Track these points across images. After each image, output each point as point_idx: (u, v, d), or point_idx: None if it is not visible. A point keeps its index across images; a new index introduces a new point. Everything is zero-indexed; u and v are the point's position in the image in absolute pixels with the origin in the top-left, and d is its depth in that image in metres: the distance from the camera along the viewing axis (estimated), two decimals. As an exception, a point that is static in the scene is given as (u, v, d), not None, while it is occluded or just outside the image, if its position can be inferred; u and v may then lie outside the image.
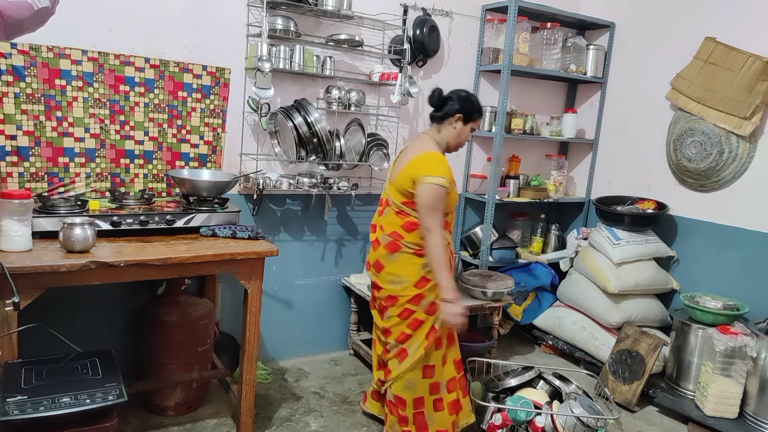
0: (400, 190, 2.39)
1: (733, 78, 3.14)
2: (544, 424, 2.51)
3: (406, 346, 2.44)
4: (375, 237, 2.51)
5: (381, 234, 2.46)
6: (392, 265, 2.41)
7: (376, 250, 2.47)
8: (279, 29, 2.88)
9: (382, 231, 2.46)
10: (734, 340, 2.80)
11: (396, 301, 2.42)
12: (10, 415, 1.59)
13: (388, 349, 2.51)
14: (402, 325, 2.43)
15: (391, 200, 2.43)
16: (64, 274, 1.93)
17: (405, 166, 2.38)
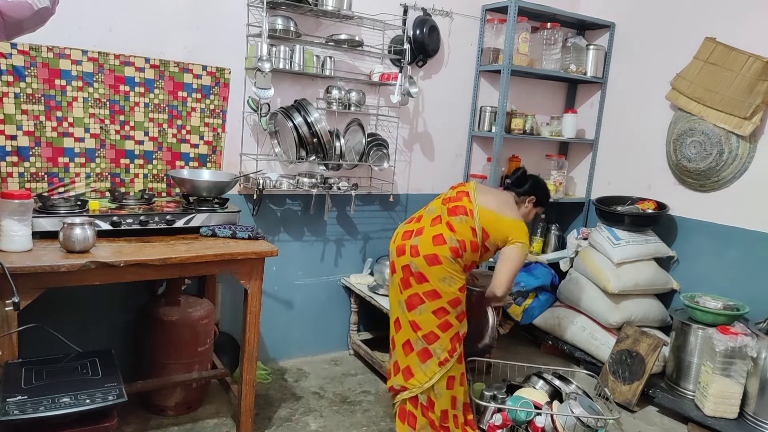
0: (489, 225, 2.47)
1: (733, 78, 3.14)
2: (544, 424, 2.51)
3: (432, 347, 2.44)
4: (438, 232, 2.46)
5: (451, 235, 2.44)
6: (451, 266, 2.43)
7: (437, 246, 2.44)
8: (279, 29, 2.88)
9: (453, 233, 2.44)
10: (734, 340, 2.80)
11: (438, 298, 2.43)
12: (10, 415, 1.59)
13: (412, 344, 2.48)
14: (433, 324, 2.44)
15: (476, 218, 2.46)
16: (64, 274, 1.93)
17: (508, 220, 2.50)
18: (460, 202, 2.52)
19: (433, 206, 2.63)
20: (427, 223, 2.54)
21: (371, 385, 3.19)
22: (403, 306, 2.51)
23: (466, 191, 2.57)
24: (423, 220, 2.59)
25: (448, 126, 3.71)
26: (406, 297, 2.49)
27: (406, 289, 2.49)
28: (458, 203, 2.52)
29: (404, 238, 2.55)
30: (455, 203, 2.53)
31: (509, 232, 2.48)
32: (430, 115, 3.60)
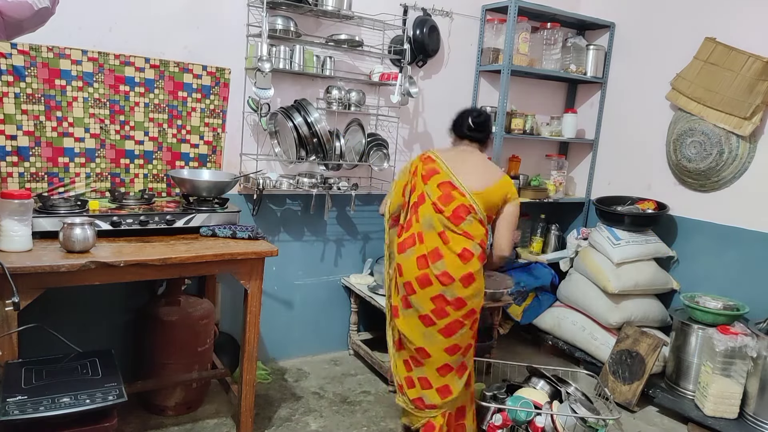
0: (489, 203, 2.35)
1: (733, 78, 3.14)
2: (544, 424, 2.51)
3: (467, 358, 2.40)
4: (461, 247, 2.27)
5: (472, 243, 2.29)
6: (480, 277, 2.33)
7: (467, 263, 2.27)
8: (279, 29, 2.88)
9: (473, 239, 2.29)
10: (734, 341, 2.80)
11: (474, 315, 2.35)
12: (10, 415, 1.59)
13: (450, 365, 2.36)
14: (470, 337, 2.39)
15: (478, 209, 2.30)
16: (64, 274, 1.93)
17: (498, 182, 2.39)
18: (453, 200, 2.30)
19: (426, 215, 2.34)
20: (437, 241, 2.30)
21: (371, 385, 3.19)
22: (435, 336, 2.33)
23: (447, 181, 2.33)
24: (427, 238, 2.31)
25: (448, 126, 3.70)
26: (442, 327, 2.31)
27: (442, 318, 2.30)
28: (453, 203, 2.30)
29: (423, 267, 2.30)
30: (449, 204, 2.30)
31: (504, 191, 2.39)
32: (430, 115, 3.60)
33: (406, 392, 2.45)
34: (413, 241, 2.35)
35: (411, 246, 2.35)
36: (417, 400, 2.41)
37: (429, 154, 2.45)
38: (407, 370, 2.44)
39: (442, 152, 2.47)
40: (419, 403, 2.41)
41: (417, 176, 2.43)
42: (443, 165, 2.38)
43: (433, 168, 2.39)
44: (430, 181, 2.37)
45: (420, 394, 2.40)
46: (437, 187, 2.35)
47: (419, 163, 2.45)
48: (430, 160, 2.42)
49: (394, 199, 2.54)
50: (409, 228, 2.39)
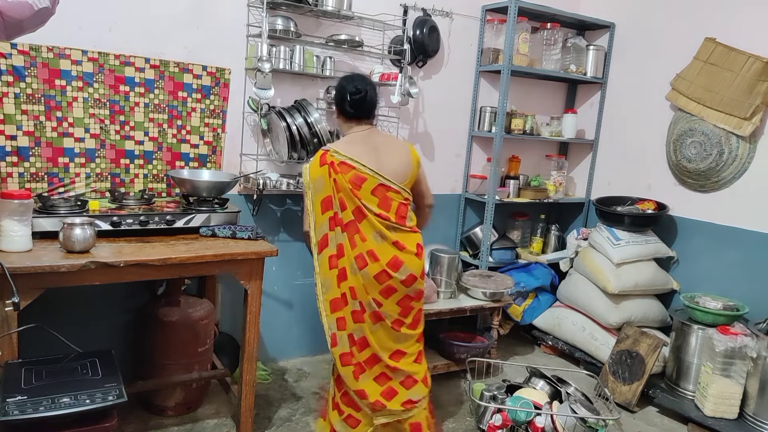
0: (410, 183, 2.32)
1: (733, 78, 3.14)
2: (544, 424, 2.51)
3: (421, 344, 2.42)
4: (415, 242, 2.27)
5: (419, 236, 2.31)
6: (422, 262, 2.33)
7: (421, 257, 2.29)
8: (279, 29, 2.88)
9: (418, 231, 2.32)
10: (734, 341, 2.80)
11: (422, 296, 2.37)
12: (10, 415, 1.59)
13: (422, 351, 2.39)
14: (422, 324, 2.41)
15: (410, 197, 2.31)
16: (64, 274, 1.93)
17: (411, 158, 2.32)
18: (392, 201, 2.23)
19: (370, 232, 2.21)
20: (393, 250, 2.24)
21: (371, 386, 3.19)
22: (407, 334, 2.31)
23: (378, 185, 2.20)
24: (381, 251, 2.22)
25: (448, 126, 3.71)
26: (410, 322, 2.31)
27: (408, 315, 2.31)
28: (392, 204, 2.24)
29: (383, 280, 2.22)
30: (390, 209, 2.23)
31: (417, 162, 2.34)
32: (430, 116, 3.60)
33: (387, 407, 2.29)
34: (365, 261, 2.21)
35: (364, 266, 2.21)
36: (405, 404, 2.32)
37: (341, 158, 2.20)
38: (384, 382, 2.31)
39: (350, 150, 2.23)
40: (408, 405, 2.32)
41: (342, 190, 2.19)
42: (364, 168, 2.19)
43: (357, 175, 2.19)
44: (362, 190, 2.19)
45: (407, 396, 2.32)
46: (371, 194, 2.21)
47: (336, 175, 2.19)
48: (347, 166, 2.19)
49: (317, 218, 2.28)
50: (354, 247, 2.22)
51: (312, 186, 2.26)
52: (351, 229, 2.22)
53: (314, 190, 2.26)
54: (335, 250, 2.25)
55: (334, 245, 2.25)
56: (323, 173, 2.21)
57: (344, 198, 2.20)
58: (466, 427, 2.83)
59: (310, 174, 2.26)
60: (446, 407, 2.98)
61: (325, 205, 2.24)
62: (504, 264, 3.78)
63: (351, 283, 2.24)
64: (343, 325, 2.28)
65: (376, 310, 2.25)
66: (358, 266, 2.22)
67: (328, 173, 2.20)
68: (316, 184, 2.24)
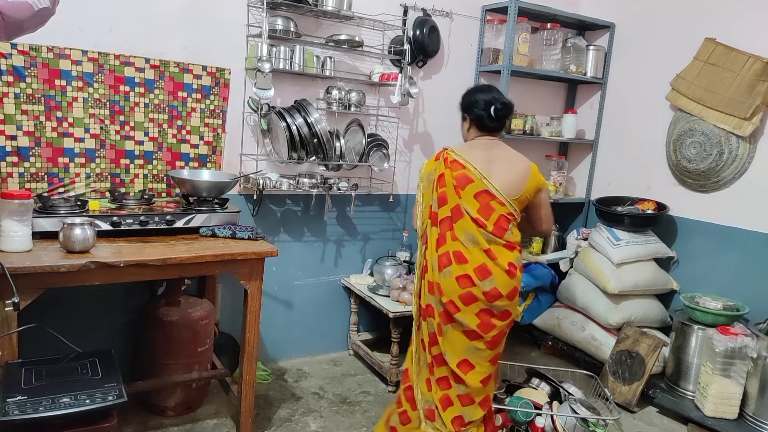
0: (523, 202, 2.21)
1: (733, 78, 3.14)
2: (544, 424, 2.51)
3: None
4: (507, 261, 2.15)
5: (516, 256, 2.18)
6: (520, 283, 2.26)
7: (513, 277, 2.16)
8: (279, 30, 2.88)
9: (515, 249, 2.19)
10: (734, 341, 2.80)
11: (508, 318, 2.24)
12: (10, 415, 1.59)
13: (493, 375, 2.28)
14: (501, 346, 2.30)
15: (517, 214, 2.19)
16: (64, 274, 1.93)
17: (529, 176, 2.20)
18: (494, 211, 2.14)
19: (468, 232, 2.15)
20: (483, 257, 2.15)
21: (371, 386, 3.19)
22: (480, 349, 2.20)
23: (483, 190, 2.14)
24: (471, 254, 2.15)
25: (448, 126, 3.69)
26: (488, 339, 2.19)
27: (489, 332, 2.18)
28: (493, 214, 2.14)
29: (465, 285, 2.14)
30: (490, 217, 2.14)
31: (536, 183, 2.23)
32: (430, 116, 3.60)
33: (441, 415, 2.22)
34: (449, 260, 2.16)
35: (447, 265, 2.16)
36: (456, 420, 2.22)
37: (455, 156, 2.19)
38: (443, 389, 2.23)
39: (467, 153, 2.21)
40: (458, 424, 2.22)
41: (446, 185, 2.18)
42: (475, 171, 2.14)
43: (465, 175, 2.15)
44: (465, 191, 2.15)
45: (460, 412, 2.22)
46: (474, 198, 2.14)
47: (445, 170, 2.18)
48: (458, 165, 2.17)
49: (425, 213, 2.28)
50: (442, 245, 2.19)
51: (425, 178, 2.29)
52: (444, 226, 2.19)
53: (425, 183, 2.29)
54: (426, 244, 2.27)
55: (427, 239, 2.27)
56: (431, 166, 2.27)
57: (447, 193, 2.18)
58: (466, 428, 2.83)
59: (425, 167, 2.31)
60: (446, 407, 2.98)
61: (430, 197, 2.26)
62: (504, 264, 3.77)
63: (430, 278, 2.23)
64: (421, 314, 2.31)
65: (448, 312, 2.18)
66: (441, 264, 2.17)
67: (437, 169, 2.23)
68: (424, 177, 2.30)
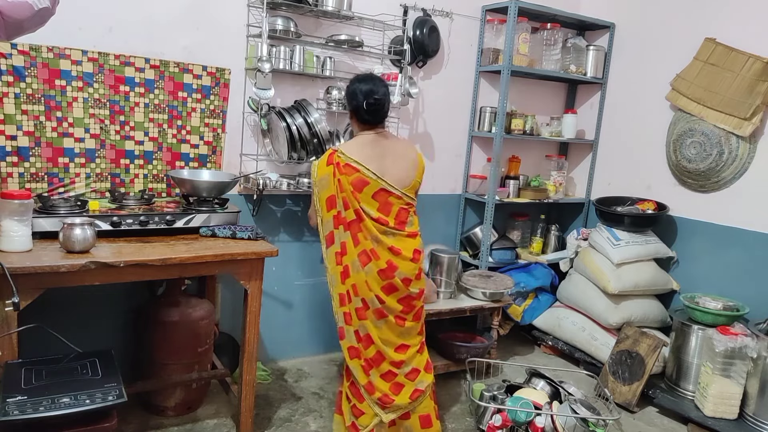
0: (415, 187, 2.38)
1: (733, 79, 3.14)
2: (544, 424, 2.51)
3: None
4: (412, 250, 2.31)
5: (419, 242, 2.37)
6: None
7: (418, 262, 2.34)
8: (279, 30, 2.88)
9: (417, 236, 2.37)
10: (734, 341, 2.80)
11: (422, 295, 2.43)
12: (10, 415, 1.59)
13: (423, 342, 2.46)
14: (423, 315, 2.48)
15: (413, 202, 2.37)
16: (64, 274, 1.93)
17: (418, 164, 2.39)
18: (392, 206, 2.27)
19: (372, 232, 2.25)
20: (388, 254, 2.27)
21: (371, 386, 3.19)
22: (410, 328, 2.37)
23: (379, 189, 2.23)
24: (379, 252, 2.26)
25: (448, 126, 3.71)
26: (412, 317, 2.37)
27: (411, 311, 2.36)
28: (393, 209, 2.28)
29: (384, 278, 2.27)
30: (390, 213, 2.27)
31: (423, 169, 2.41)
32: (430, 116, 3.60)
33: (395, 402, 2.33)
34: (368, 257, 2.26)
35: (369, 262, 2.26)
36: (413, 395, 2.36)
37: (346, 160, 2.23)
38: (391, 379, 2.35)
39: (356, 152, 2.25)
40: (415, 395, 2.37)
41: (345, 191, 2.24)
42: (368, 172, 2.22)
43: (360, 178, 2.22)
44: (363, 193, 2.23)
45: (414, 387, 2.37)
46: (372, 198, 2.24)
47: (341, 176, 2.23)
48: (351, 169, 2.22)
49: (323, 215, 2.33)
50: (357, 245, 2.27)
51: (318, 183, 2.31)
52: (353, 228, 2.27)
53: (320, 187, 2.31)
54: (339, 247, 2.31)
55: (339, 243, 2.31)
56: (329, 172, 2.26)
57: (346, 198, 2.25)
58: (466, 428, 2.83)
59: (317, 172, 2.31)
60: (446, 407, 2.98)
61: (330, 204, 2.29)
62: (504, 264, 3.78)
63: (353, 281, 2.30)
64: (348, 320, 2.34)
65: (379, 306, 2.30)
66: (361, 263, 2.27)
67: (332, 173, 2.25)
68: (322, 182, 2.29)
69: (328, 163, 2.27)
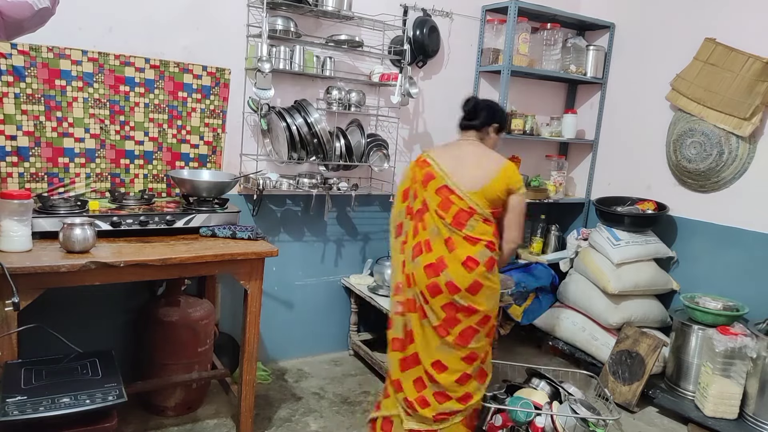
0: (491, 198, 2.26)
1: (733, 79, 3.14)
2: (544, 424, 2.51)
3: (485, 364, 2.37)
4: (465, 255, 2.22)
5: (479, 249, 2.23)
6: (491, 280, 2.27)
7: (472, 271, 2.21)
8: (279, 30, 2.88)
9: (477, 243, 2.24)
10: (734, 341, 2.80)
11: (489, 320, 2.29)
12: (10, 415, 1.59)
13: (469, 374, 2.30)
14: (486, 343, 2.33)
15: (479, 209, 2.24)
16: (64, 274, 1.93)
17: (497, 175, 2.27)
18: (452, 204, 2.25)
19: (430, 224, 2.29)
20: (443, 249, 2.25)
21: (371, 386, 3.19)
22: (450, 346, 2.27)
23: (443, 185, 2.28)
24: (434, 246, 2.27)
25: (448, 126, 3.68)
26: (455, 336, 2.26)
27: (455, 326, 2.26)
28: (452, 208, 2.25)
29: (431, 275, 2.25)
30: (449, 210, 2.26)
31: (506, 184, 2.28)
32: (430, 116, 3.60)
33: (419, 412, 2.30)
34: (420, 249, 2.29)
35: (419, 254, 2.29)
36: (438, 416, 2.29)
37: (424, 156, 2.40)
38: (421, 389, 2.31)
39: (438, 152, 2.39)
40: (440, 417, 2.29)
41: (417, 182, 2.37)
42: (437, 168, 2.31)
43: (429, 173, 2.33)
44: (428, 187, 2.32)
45: (439, 410, 2.29)
46: (435, 193, 2.30)
47: (417, 170, 2.38)
48: (425, 163, 2.36)
49: (396, 206, 2.46)
50: (415, 235, 2.32)
51: (402, 176, 2.54)
52: (417, 218, 2.35)
53: (401, 179, 2.53)
54: (404, 237, 2.39)
55: (404, 233, 2.40)
56: (411, 166, 2.47)
57: (417, 189, 2.37)
58: (466, 428, 2.83)
59: (407, 168, 2.50)
60: (446, 407, 2.98)
61: (404, 195, 2.43)
62: (504, 264, 3.78)
63: (408, 270, 2.34)
64: (399, 309, 2.37)
65: (423, 305, 2.29)
66: (414, 254, 2.31)
67: (412, 166, 2.45)
68: (404, 174, 2.51)
69: (416, 159, 2.45)
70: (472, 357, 2.30)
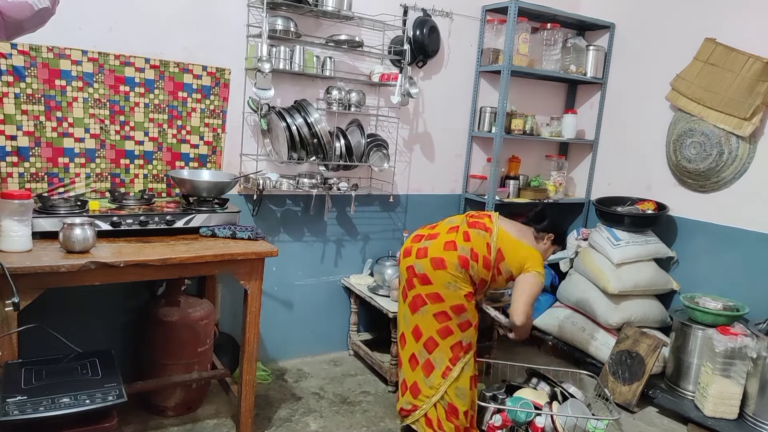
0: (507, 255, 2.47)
1: (733, 79, 3.14)
2: (544, 424, 2.51)
3: (432, 357, 2.45)
4: (452, 239, 2.46)
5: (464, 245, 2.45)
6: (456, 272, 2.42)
7: (447, 251, 2.43)
8: (279, 30, 2.88)
9: (468, 242, 2.45)
10: (734, 341, 2.80)
11: (440, 301, 2.43)
12: (10, 415, 1.59)
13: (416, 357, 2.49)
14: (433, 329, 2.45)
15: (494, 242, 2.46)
16: (64, 274, 1.93)
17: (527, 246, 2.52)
18: (482, 219, 2.55)
19: (454, 218, 2.65)
20: (444, 230, 2.55)
21: (371, 386, 3.19)
22: (407, 312, 2.51)
23: (488, 213, 2.61)
24: (439, 227, 2.59)
25: (448, 126, 3.71)
26: (410, 299, 2.49)
27: (411, 290, 2.49)
28: (479, 220, 2.55)
29: (414, 241, 2.56)
30: (477, 219, 2.56)
31: (526, 259, 2.48)
32: (430, 116, 3.60)
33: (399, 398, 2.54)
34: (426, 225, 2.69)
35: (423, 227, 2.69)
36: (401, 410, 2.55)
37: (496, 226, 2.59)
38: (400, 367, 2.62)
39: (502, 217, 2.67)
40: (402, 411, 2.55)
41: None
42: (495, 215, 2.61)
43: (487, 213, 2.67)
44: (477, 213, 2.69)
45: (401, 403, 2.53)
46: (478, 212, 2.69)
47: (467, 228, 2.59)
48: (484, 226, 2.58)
49: None
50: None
51: None
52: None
53: None
54: None
55: None
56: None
57: None
58: (466, 428, 2.83)
59: None
60: (446, 407, 2.98)
61: None
62: (504, 264, 3.78)
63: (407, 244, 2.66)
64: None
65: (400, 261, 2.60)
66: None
67: None
68: None
69: None
70: (416, 333, 2.48)
